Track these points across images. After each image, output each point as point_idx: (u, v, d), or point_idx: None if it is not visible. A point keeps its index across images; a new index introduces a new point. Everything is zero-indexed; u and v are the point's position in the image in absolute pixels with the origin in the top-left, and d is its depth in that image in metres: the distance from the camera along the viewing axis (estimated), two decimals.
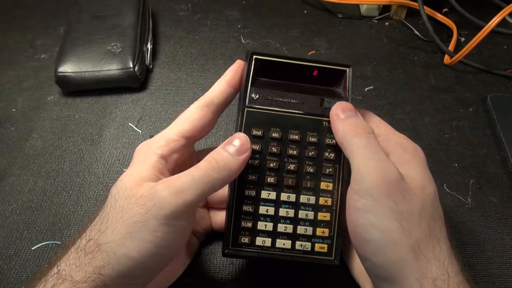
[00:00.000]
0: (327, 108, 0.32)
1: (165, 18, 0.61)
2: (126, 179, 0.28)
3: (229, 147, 0.29)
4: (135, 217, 0.26)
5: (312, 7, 0.63)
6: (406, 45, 0.57)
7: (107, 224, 0.27)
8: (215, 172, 0.27)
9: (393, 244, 0.26)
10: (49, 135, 0.47)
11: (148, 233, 0.26)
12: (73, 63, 0.49)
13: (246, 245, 0.31)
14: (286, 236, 0.31)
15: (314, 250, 0.31)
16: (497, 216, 0.39)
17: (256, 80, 0.33)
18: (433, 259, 0.26)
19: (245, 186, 0.31)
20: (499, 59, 0.55)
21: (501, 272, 0.35)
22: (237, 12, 0.62)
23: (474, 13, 0.54)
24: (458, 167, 0.43)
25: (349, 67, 0.33)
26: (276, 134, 0.31)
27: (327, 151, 0.32)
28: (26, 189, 0.42)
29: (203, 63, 0.55)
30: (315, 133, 0.32)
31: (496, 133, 0.46)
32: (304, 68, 0.33)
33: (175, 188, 0.26)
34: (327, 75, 0.33)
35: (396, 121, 0.47)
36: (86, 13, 0.55)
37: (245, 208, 0.31)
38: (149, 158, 0.29)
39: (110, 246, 0.26)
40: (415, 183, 0.28)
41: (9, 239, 0.38)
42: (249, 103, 0.32)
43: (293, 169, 0.31)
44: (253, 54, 0.32)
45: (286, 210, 0.31)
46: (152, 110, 0.49)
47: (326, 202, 0.31)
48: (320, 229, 0.31)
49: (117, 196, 0.28)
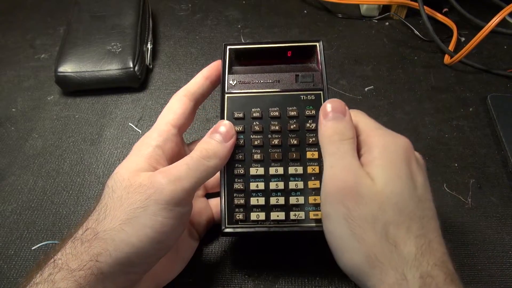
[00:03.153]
0: (303, 82, 0.34)
1: (165, 18, 0.61)
2: (122, 171, 0.29)
3: (215, 135, 0.31)
4: (135, 204, 0.27)
5: (312, 7, 0.63)
6: (406, 45, 0.57)
7: (106, 213, 0.27)
8: (207, 161, 0.29)
9: (347, 251, 0.27)
10: (49, 135, 0.47)
11: (148, 218, 0.26)
12: (73, 63, 0.49)
13: (242, 221, 0.32)
14: (279, 208, 0.32)
15: (308, 217, 0.32)
16: (497, 216, 0.39)
17: (232, 68, 0.35)
18: (389, 266, 0.25)
19: (234, 166, 0.32)
20: (499, 59, 0.55)
21: (501, 272, 0.35)
22: (237, 12, 0.62)
23: (474, 13, 0.54)
24: (458, 167, 0.43)
25: (319, 42, 0.35)
26: (257, 113, 0.33)
27: (308, 122, 0.33)
28: (26, 189, 0.42)
29: (203, 63, 0.55)
30: (295, 107, 0.33)
31: (496, 133, 0.46)
32: (276, 50, 0.35)
33: (173, 176, 0.28)
34: (299, 52, 0.35)
35: (396, 121, 0.47)
36: (86, 13, 0.55)
37: (236, 186, 0.32)
38: (144, 150, 0.30)
39: (109, 233, 0.26)
40: (376, 185, 0.27)
41: (9, 239, 0.38)
42: (228, 90, 0.34)
43: (277, 144, 0.33)
44: (227, 45, 0.35)
45: (276, 183, 0.32)
46: (152, 110, 0.49)
47: (314, 170, 0.32)
48: (312, 197, 0.32)
49: (114, 187, 0.28)
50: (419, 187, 0.28)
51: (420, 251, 0.25)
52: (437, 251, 0.26)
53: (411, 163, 0.29)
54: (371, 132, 0.30)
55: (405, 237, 0.26)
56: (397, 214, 0.26)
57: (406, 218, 0.26)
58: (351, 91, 0.51)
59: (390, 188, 0.27)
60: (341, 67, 0.54)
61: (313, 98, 0.34)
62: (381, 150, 0.28)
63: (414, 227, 0.26)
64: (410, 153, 0.29)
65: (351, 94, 0.50)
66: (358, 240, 0.26)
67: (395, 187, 0.27)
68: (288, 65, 0.35)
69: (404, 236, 0.26)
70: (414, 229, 0.26)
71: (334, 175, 0.28)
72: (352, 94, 0.50)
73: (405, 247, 0.25)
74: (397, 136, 0.30)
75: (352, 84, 0.51)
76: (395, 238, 0.26)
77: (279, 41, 0.35)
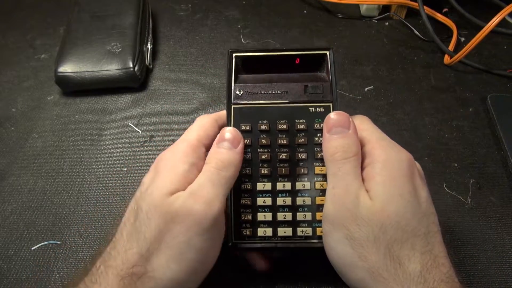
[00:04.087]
0: (312, 94, 0.33)
1: (165, 18, 0.61)
2: (156, 192, 0.28)
3: (223, 144, 0.30)
4: (177, 238, 0.26)
5: (312, 7, 0.63)
6: (406, 45, 0.57)
7: (149, 249, 0.26)
8: (224, 172, 0.29)
9: (350, 267, 0.27)
10: (49, 135, 0.47)
11: (193, 252, 0.27)
12: (73, 63, 0.49)
13: (249, 237, 0.31)
14: (286, 224, 0.31)
15: (315, 234, 0.31)
16: (497, 216, 0.39)
17: (239, 77, 0.34)
18: (393, 282, 0.25)
19: (240, 181, 0.32)
20: (499, 59, 0.55)
21: (501, 272, 0.35)
22: (237, 12, 0.62)
23: (474, 13, 0.54)
24: (458, 167, 0.43)
25: (329, 50, 0.34)
26: (265, 126, 0.32)
27: (317, 136, 0.32)
28: (26, 189, 0.42)
29: (203, 63, 0.55)
30: (303, 119, 0.32)
31: (496, 133, 0.46)
32: (284, 58, 0.34)
33: (206, 198, 0.27)
34: (308, 61, 0.34)
35: (396, 121, 0.47)
36: (86, 13, 0.55)
37: (243, 201, 0.32)
38: (177, 167, 0.29)
39: (157, 272, 0.26)
40: (375, 205, 0.27)
41: (9, 239, 0.38)
42: (235, 100, 0.33)
43: (285, 158, 0.32)
44: (233, 52, 0.34)
45: (283, 198, 0.31)
46: (152, 110, 0.49)
47: (322, 186, 0.31)
48: (319, 213, 0.31)
49: (150, 214, 0.27)
50: (422, 203, 0.28)
51: (426, 268, 0.25)
52: (443, 266, 0.26)
53: (414, 179, 0.28)
54: (375, 143, 0.29)
55: (409, 254, 0.26)
56: (400, 233, 0.26)
57: (409, 235, 0.26)
58: (351, 91, 0.51)
59: (391, 208, 0.26)
60: (341, 67, 0.54)
61: (322, 110, 0.32)
62: (383, 165, 0.28)
63: (418, 244, 0.26)
64: (413, 168, 0.29)
65: (351, 94, 0.50)
66: (361, 258, 0.26)
67: (397, 206, 0.27)
68: (297, 74, 0.34)
69: (409, 253, 0.26)
70: (419, 246, 0.26)
71: (334, 196, 0.28)
72: (352, 94, 0.50)
73: (410, 264, 0.25)
74: (400, 150, 0.29)
75: (352, 84, 0.51)
76: (399, 256, 0.26)
77: (287, 49, 0.34)
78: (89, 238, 0.38)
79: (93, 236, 0.38)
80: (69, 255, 0.37)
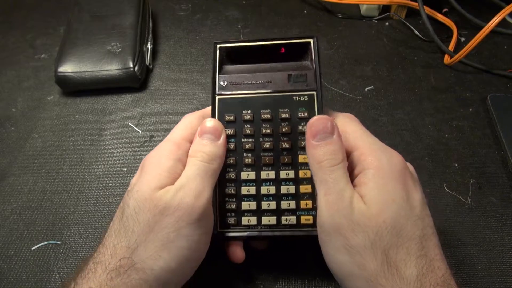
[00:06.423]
0: (296, 82, 0.33)
1: (165, 18, 0.61)
2: (144, 188, 0.28)
3: (206, 135, 0.30)
4: (166, 228, 0.27)
5: (312, 7, 0.63)
6: (406, 45, 0.57)
7: (136, 241, 0.27)
8: (210, 163, 0.29)
9: (348, 276, 0.27)
10: (49, 135, 0.47)
11: (184, 240, 0.27)
12: (73, 63, 0.49)
13: (233, 226, 0.32)
14: (270, 212, 0.32)
15: (300, 223, 0.31)
16: (497, 216, 0.39)
17: (223, 68, 0.34)
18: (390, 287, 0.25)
19: (225, 170, 0.32)
20: (499, 59, 0.55)
21: (501, 272, 0.35)
22: (237, 12, 0.62)
23: (474, 13, 0.54)
24: (458, 167, 0.43)
25: (313, 38, 0.33)
26: (248, 116, 0.32)
27: (301, 124, 0.32)
28: (26, 189, 0.42)
29: (203, 63, 0.55)
30: (287, 109, 0.32)
31: (496, 133, 0.46)
32: (268, 47, 0.34)
33: (195, 191, 0.28)
34: (293, 50, 0.34)
35: (396, 121, 0.47)
36: (86, 13, 0.55)
37: (228, 190, 0.32)
38: (163, 163, 0.29)
39: (146, 262, 0.26)
40: (370, 210, 0.26)
41: (9, 239, 0.38)
42: (219, 91, 0.33)
43: (269, 147, 0.32)
44: (217, 43, 0.34)
45: (267, 187, 0.32)
46: (152, 110, 0.49)
47: (306, 174, 0.31)
48: (303, 201, 0.31)
49: (137, 209, 0.28)
50: (416, 206, 0.27)
51: (422, 272, 0.25)
52: (439, 270, 0.26)
53: (406, 182, 0.28)
54: (366, 149, 0.29)
55: (406, 259, 0.26)
56: (395, 238, 0.26)
57: (405, 239, 0.26)
58: (351, 91, 0.51)
59: (385, 213, 0.26)
60: (341, 67, 0.54)
61: (306, 99, 0.32)
62: (375, 172, 0.28)
63: (414, 248, 0.26)
64: (404, 171, 0.28)
65: (351, 94, 0.50)
66: (360, 267, 0.26)
67: (391, 212, 0.26)
68: (281, 63, 0.34)
69: (405, 258, 0.26)
70: (414, 250, 0.26)
71: (328, 202, 0.28)
72: (352, 94, 0.50)
73: (406, 269, 0.25)
74: (391, 153, 0.29)
75: (352, 84, 0.51)
76: (396, 261, 0.26)
77: (271, 38, 0.34)
78: (89, 238, 0.38)
79: (93, 236, 0.38)
80: (69, 255, 0.37)
